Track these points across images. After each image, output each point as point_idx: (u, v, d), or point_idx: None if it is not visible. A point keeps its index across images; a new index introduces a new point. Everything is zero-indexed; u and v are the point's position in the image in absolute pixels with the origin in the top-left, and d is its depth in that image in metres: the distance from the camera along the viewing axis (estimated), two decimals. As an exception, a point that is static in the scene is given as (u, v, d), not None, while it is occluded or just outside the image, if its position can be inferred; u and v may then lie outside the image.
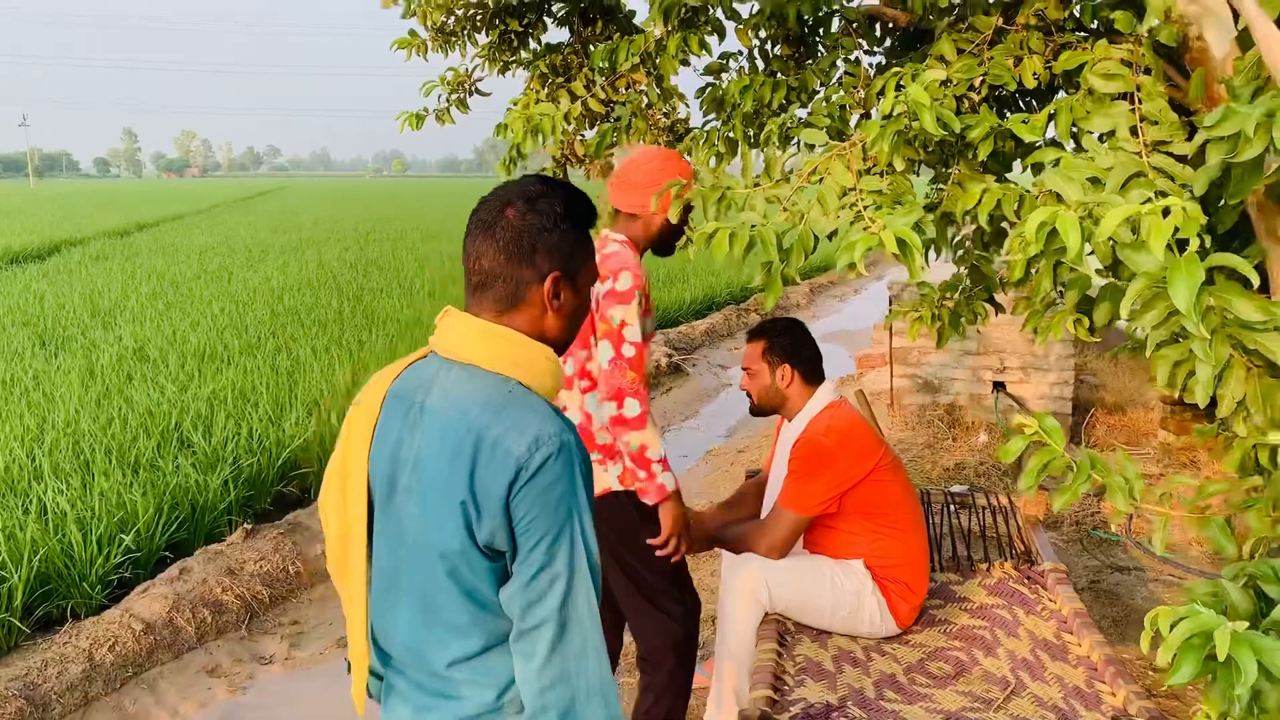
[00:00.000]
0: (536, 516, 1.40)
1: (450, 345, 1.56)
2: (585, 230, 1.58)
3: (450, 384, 1.52)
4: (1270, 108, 1.45)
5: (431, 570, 1.50)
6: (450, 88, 3.87)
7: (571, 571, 1.41)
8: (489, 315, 1.55)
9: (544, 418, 1.45)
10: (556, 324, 1.57)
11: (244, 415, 6.56)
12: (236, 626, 4.41)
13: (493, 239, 1.53)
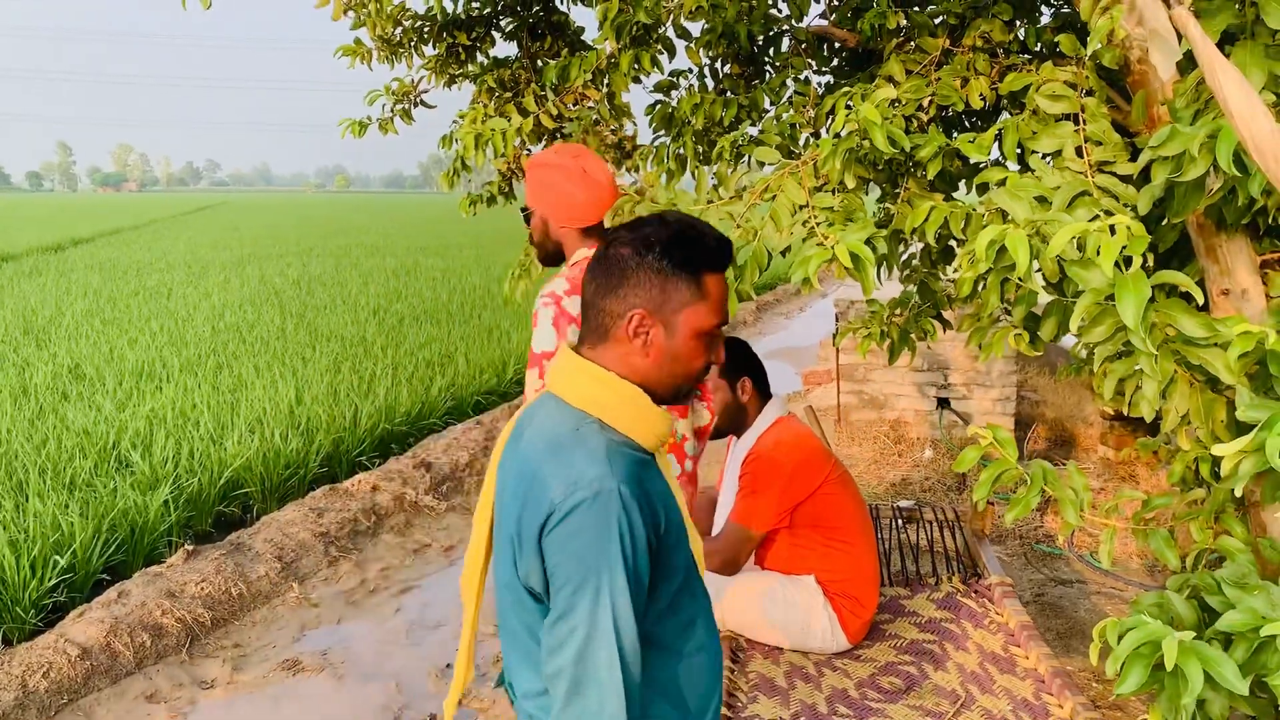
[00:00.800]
0: (561, 563, 1.36)
1: (551, 377, 1.54)
2: (690, 270, 1.46)
3: (541, 417, 1.50)
4: (1212, 129, 1.49)
5: (505, 601, 1.50)
6: (395, 98, 3.85)
7: (591, 627, 1.34)
8: (585, 349, 1.52)
9: (591, 461, 1.39)
10: (646, 365, 1.49)
11: (184, 434, 6.43)
12: (177, 650, 4.30)
13: (594, 269, 1.50)
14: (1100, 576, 4.71)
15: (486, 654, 4.37)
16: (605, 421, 1.46)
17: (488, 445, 7.29)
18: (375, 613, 4.84)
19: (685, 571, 1.52)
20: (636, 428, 1.47)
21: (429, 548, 5.70)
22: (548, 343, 2.55)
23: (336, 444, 6.76)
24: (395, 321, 11.80)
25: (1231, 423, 1.84)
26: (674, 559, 1.48)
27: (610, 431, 1.45)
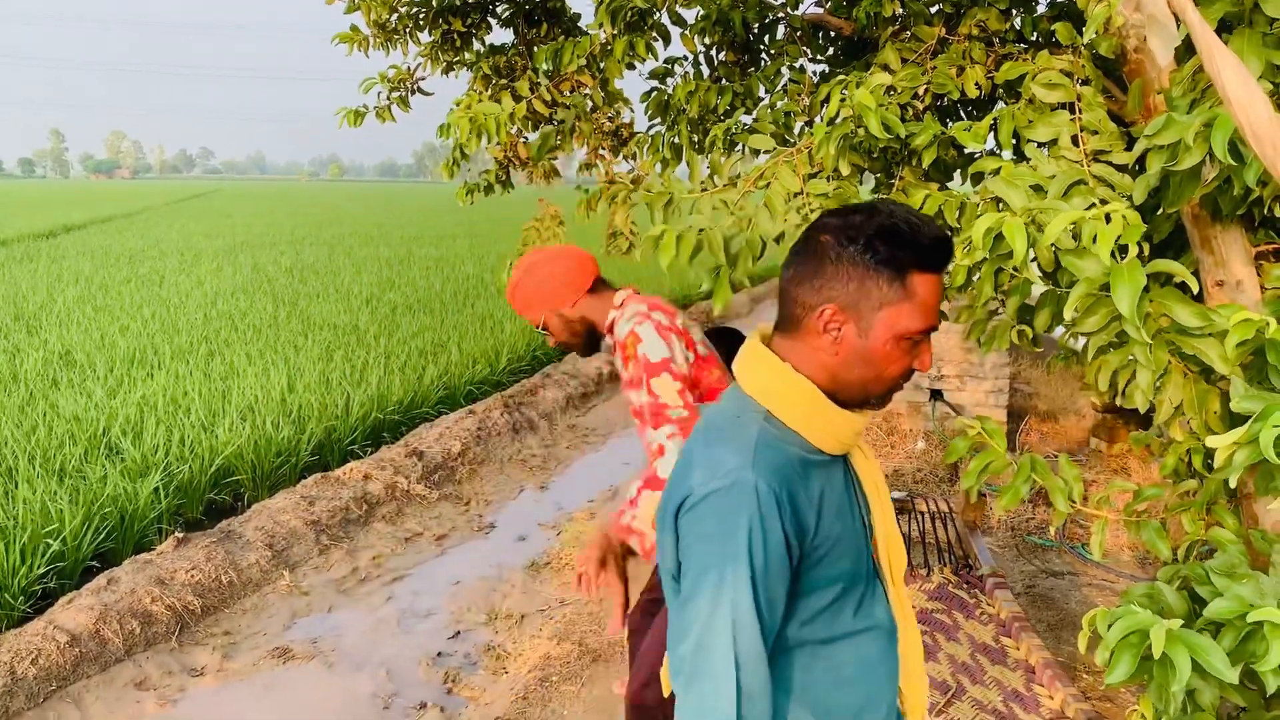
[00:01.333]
0: (689, 546, 1.33)
1: (738, 359, 1.48)
2: (895, 268, 1.33)
3: (720, 399, 1.47)
4: (1208, 117, 1.48)
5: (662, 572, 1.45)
6: (391, 85, 3.83)
7: (710, 618, 1.29)
8: (776, 336, 1.45)
9: (737, 450, 1.34)
10: (834, 364, 1.38)
11: (175, 421, 6.41)
12: (166, 638, 4.29)
13: (795, 252, 1.42)
14: (1091, 568, 4.72)
15: (478, 641, 4.37)
16: (774, 414, 1.39)
17: (480, 434, 7.28)
18: (366, 601, 4.83)
19: (846, 586, 1.42)
20: (811, 427, 1.38)
21: (420, 536, 5.69)
22: (663, 349, 2.42)
23: (328, 432, 6.75)
24: (388, 310, 11.77)
25: (1225, 414, 1.84)
26: (826, 570, 1.39)
27: (774, 425, 1.38)
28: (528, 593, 4.84)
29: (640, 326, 2.43)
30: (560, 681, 3.85)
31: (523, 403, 8.26)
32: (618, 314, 2.55)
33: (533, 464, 7.19)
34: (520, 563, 5.25)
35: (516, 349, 9.89)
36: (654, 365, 2.39)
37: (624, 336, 2.45)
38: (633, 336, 2.43)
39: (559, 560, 5.18)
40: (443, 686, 3.99)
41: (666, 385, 2.38)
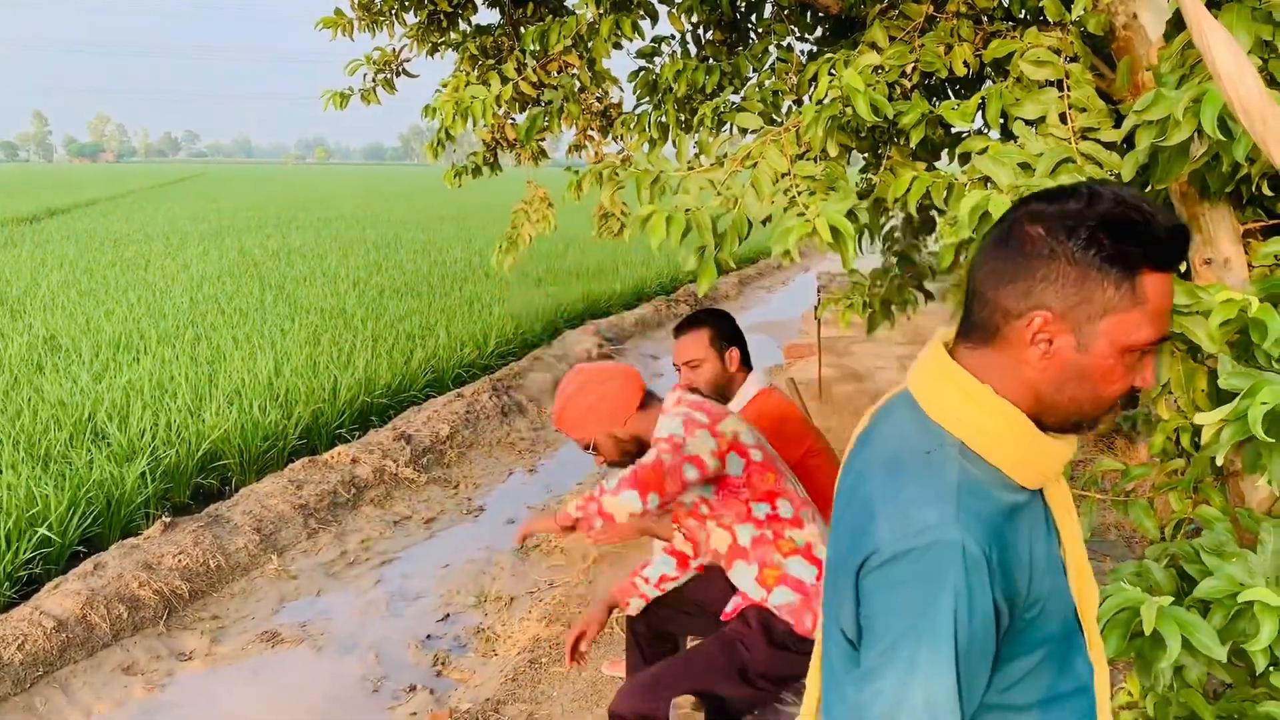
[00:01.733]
0: (876, 615, 1.12)
1: (914, 374, 1.25)
2: (1125, 266, 1.10)
3: (890, 424, 1.24)
4: (1198, 92, 1.47)
5: (827, 625, 1.25)
6: (376, 67, 3.79)
7: (897, 703, 1.08)
8: (961, 346, 1.22)
9: (935, 500, 1.12)
10: (1040, 381, 1.16)
11: (161, 406, 6.37)
12: (154, 622, 4.28)
13: (992, 246, 1.18)
14: (1078, 548, 4.74)
15: (467, 624, 4.37)
16: (968, 446, 1.16)
17: (468, 417, 7.27)
18: (355, 584, 4.83)
19: (1050, 647, 1.21)
20: (1014, 460, 1.16)
21: (409, 520, 5.69)
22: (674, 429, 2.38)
23: (315, 416, 6.73)
24: (375, 294, 11.73)
25: (1212, 391, 1.84)
26: (1033, 635, 1.18)
27: (971, 461, 1.16)
28: (517, 575, 4.84)
29: (665, 420, 2.43)
30: (550, 663, 3.86)
31: (511, 386, 8.25)
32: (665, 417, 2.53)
33: (521, 447, 7.18)
34: (509, 545, 5.24)
35: (505, 332, 9.86)
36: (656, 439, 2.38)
37: (661, 434, 2.41)
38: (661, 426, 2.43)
39: (548, 543, 5.18)
40: (432, 669, 3.99)
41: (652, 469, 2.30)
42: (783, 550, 2.48)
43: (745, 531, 2.49)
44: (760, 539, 2.48)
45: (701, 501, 2.50)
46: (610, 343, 10.67)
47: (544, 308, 11.25)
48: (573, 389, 2.56)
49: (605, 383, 2.54)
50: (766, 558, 2.47)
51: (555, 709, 3.54)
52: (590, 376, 2.56)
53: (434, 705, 3.69)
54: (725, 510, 2.48)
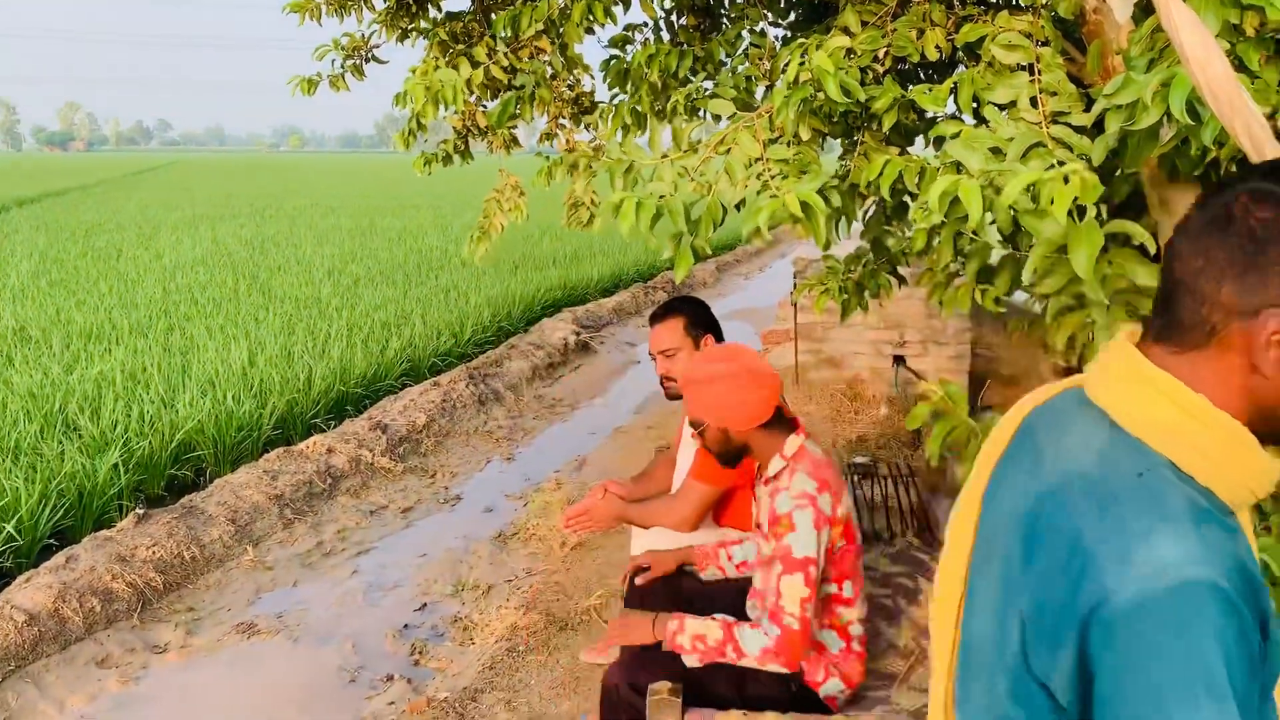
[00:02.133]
0: (1116, 679, 0.94)
1: (1095, 379, 1.09)
2: None
3: (1073, 437, 1.08)
4: (1166, 76, 1.47)
5: (992, 667, 1.10)
6: (345, 53, 3.75)
7: None
8: (1159, 349, 1.06)
9: (1167, 531, 0.95)
10: (1266, 391, 1.01)
11: (134, 397, 6.31)
12: (128, 615, 4.24)
13: (1201, 230, 1.02)
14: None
15: (445, 613, 4.35)
16: (1179, 464, 1.01)
17: (445, 406, 7.24)
18: (331, 575, 4.81)
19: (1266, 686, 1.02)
20: (1230, 480, 1.02)
21: (385, 509, 5.66)
22: (810, 547, 2.34)
23: (290, 406, 6.68)
24: (350, 282, 11.66)
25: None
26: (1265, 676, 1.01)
27: (1187, 483, 1.01)
28: (495, 564, 4.83)
29: (800, 514, 2.37)
30: (527, 651, 3.86)
31: (488, 374, 8.22)
32: (784, 469, 2.49)
33: (499, 435, 7.16)
34: (487, 534, 5.23)
35: (481, 320, 9.83)
36: (794, 562, 2.33)
37: (783, 510, 2.38)
38: (789, 522, 2.36)
39: (526, 531, 5.17)
40: (409, 658, 3.98)
41: (794, 588, 2.31)
42: (823, 623, 2.52)
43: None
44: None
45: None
46: (587, 330, 10.65)
47: (521, 295, 11.21)
48: (723, 376, 2.53)
49: (755, 390, 2.51)
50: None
51: (533, 697, 3.54)
52: (742, 376, 2.52)
53: (412, 694, 3.68)
54: None
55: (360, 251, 14.92)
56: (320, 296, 10.43)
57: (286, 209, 24.77)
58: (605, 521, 3.21)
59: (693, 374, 2.57)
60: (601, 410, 8.06)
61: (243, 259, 13.72)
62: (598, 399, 8.46)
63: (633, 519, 3.19)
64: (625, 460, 6.38)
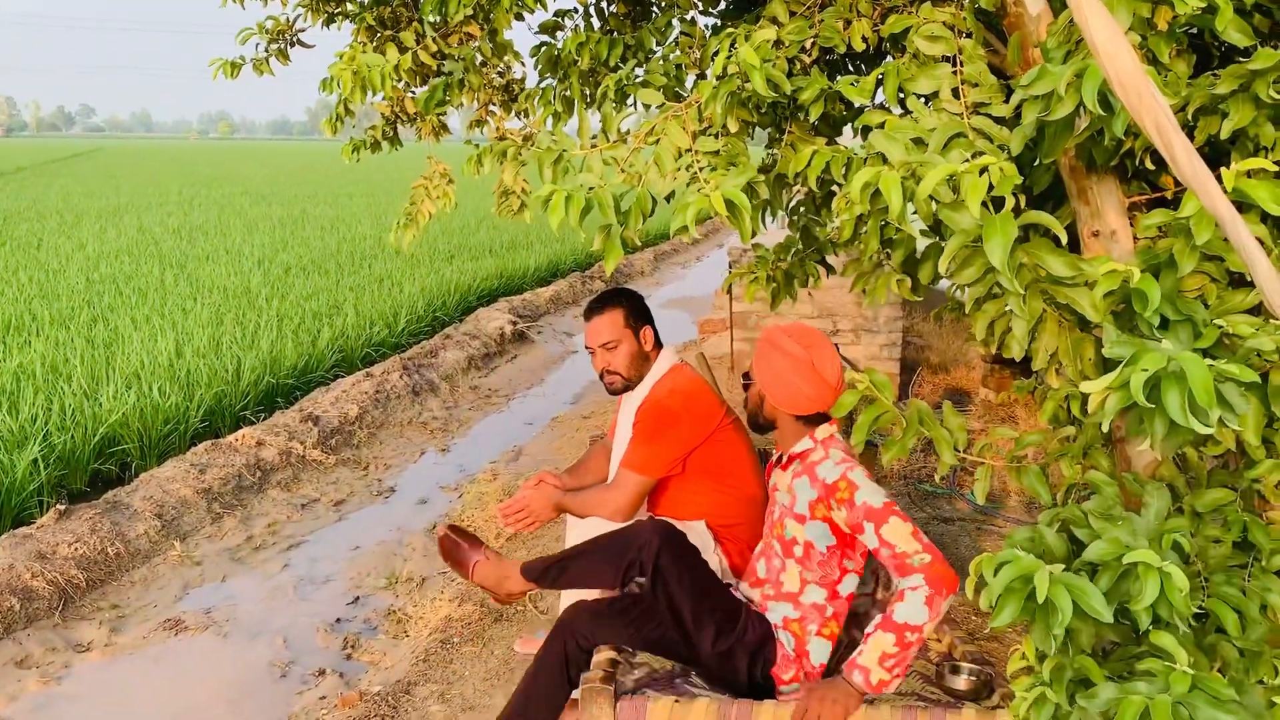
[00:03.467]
0: None
1: None
2: None
3: None
4: (1080, 68, 1.50)
5: None
6: (270, 37, 3.67)
7: None
8: None
9: None
10: None
11: (55, 389, 6.14)
12: (49, 614, 4.13)
13: None
14: (981, 515, 4.87)
15: (378, 606, 4.31)
16: None
17: (378, 397, 7.16)
18: (261, 569, 4.73)
19: None
20: None
21: (317, 502, 5.59)
22: (882, 494, 2.38)
23: (219, 398, 6.56)
24: (281, 271, 11.46)
25: (1099, 361, 1.89)
26: None
27: None
28: (429, 556, 4.80)
29: (853, 473, 2.41)
30: (462, 643, 3.83)
31: (422, 364, 8.14)
32: (816, 449, 2.53)
33: (433, 426, 7.10)
34: (421, 526, 5.19)
35: (416, 309, 9.73)
36: (878, 511, 2.34)
37: (833, 478, 2.42)
38: (847, 483, 2.39)
39: (461, 522, 5.13)
40: (342, 652, 3.94)
41: (898, 529, 2.31)
42: (821, 630, 2.54)
43: (816, 594, 2.53)
44: (819, 609, 2.53)
45: (807, 545, 2.51)
46: (524, 319, 10.59)
47: (456, 285, 11.12)
48: (791, 355, 2.55)
49: (810, 383, 2.53)
50: (806, 625, 2.54)
51: (467, 688, 3.52)
52: (805, 366, 2.54)
53: (343, 688, 3.64)
54: (819, 568, 2.52)
55: (291, 240, 14.67)
56: (250, 286, 10.24)
57: (215, 197, 24.26)
58: (543, 513, 3.20)
59: (773, 337, 2.61)
60: (538, 400, 8.04)
61: (170, 248, 13.41)
62: (534, 389, 8.43)
63: (569, 508, 3.19)
64: (562, 450, 6.37)
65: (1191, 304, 1.69)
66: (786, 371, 2.56)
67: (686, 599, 2.50)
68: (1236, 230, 1.26)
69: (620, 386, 3.16)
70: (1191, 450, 1.95)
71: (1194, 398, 1.37)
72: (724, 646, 2.49)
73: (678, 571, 2.51)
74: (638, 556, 2.53)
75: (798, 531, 2.51)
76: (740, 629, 2.52)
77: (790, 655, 2.53)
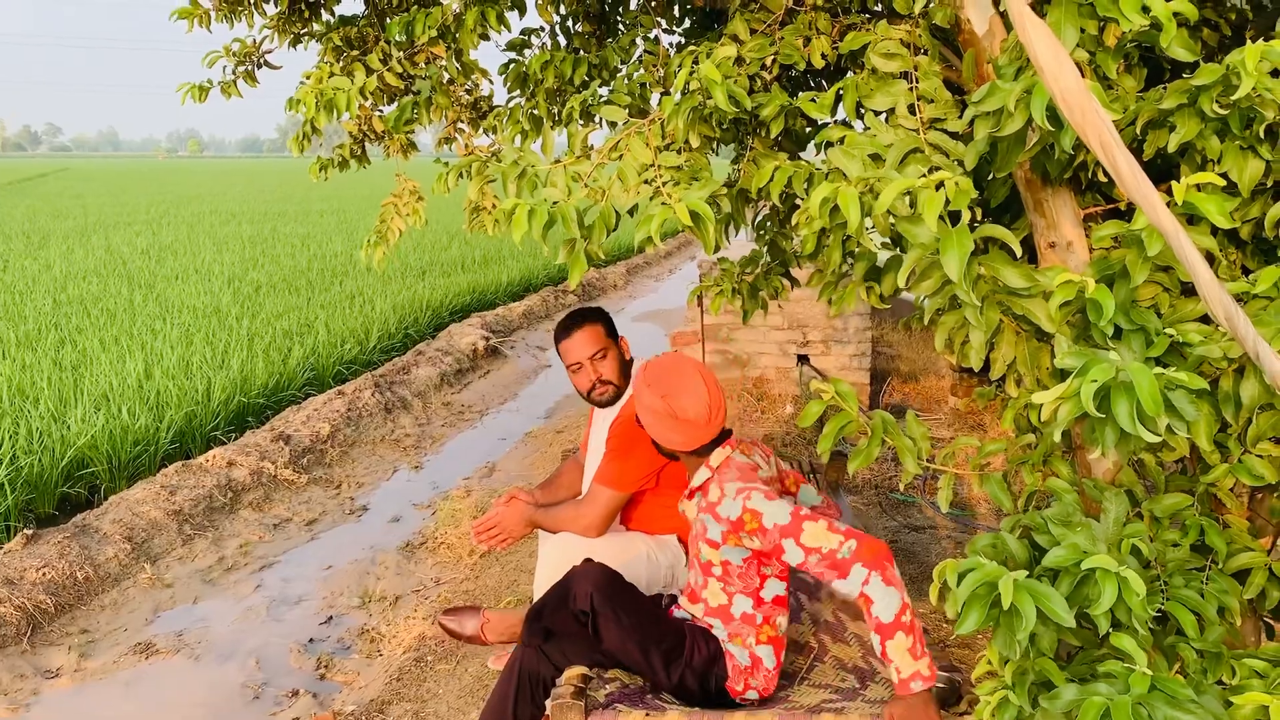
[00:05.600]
0: None
1: None
2: None
3: None
4: (1029, 84, 1.53)
5: None
6: (237, 59, 3.68)
7: None
8: None
9: None
10: None
11: (21, 413, 6.09)
12: (17, 640, 4.09)
13: None
14: (951, 522, 4.91)
15: (351, 625, 4.29)
16: None
17: (350, 415, 7.13)
18: (233, 590, 4.70)
19: None
20: None
21: (290, 522, 5.56)
22: (785, 508, 2.37)
23: (189, 419, 6.51)
24: (251, 290, 11.40)
25: (1056, 369, 1.93)
26: None
27: None
28: (402, 574, 4.78)
29: (750, 501, 2.39)
30: (435, 661, 3.83)
31: (395, 381, 8.12)
32: (712, 482, 2.55)
33: (406, 444, 7.08)
34: (394, 544, 5.18)
35: (387, 326, 9.71)
36: (790, 526, 2.33)
37: (736, 515, 2.41)
38: (751, 514, 2.38)
39: (434, 540, 5.13)
40: (315, 673, 3.92)
41: (815, 532, 2.31)
42: (759, 638, 2.55)
43: (743, 604, 2.54)
44: (749, 618, 2.54)
45: (723, 564, 2.51)
46: (497, 335, 10.59)
47: (428, 301, 11.10)
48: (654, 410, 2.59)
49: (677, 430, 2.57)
50: (745, 638, 2.55)
51: (441, 706, 3.52)
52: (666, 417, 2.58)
53: (317, 709, 3.63)
54: (739, 580, 2.53)
55: (262, 258, 14.59)
56: (220, 306, 10.19)
57: (185, 216, 24.11)
58: (516, 529, 3.21)
59: (636, 385, 2.66)
60: (511, 415, 8.03)
61: (138, 268, 13.31)
62: (508, 404, 8.42)
63: (542, 523, 3.20)
64: (535, 465, 6.37)
65: (1145, 314, 1.73)
66: (653, 423, 2.61)
67: (629, 637, 2.52)
68: (1179, 243, 1.29)
69: (612, 395, 3.20)
70: (1149, 456, 1.99)
71: (1142, 407, 1.40)
72: (676, 674, 2.51)
73: (613, 612, 2.52)
74: (577, 606, 2.55)
75: (712, 555, 2.52)
76: (688, 654, 2.53)
77: (743, 666, 2.55)
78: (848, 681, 2.62)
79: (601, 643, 2.53)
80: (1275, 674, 1.67)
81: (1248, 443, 1.79)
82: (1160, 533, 1.92)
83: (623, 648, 2.51)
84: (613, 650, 2.54)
